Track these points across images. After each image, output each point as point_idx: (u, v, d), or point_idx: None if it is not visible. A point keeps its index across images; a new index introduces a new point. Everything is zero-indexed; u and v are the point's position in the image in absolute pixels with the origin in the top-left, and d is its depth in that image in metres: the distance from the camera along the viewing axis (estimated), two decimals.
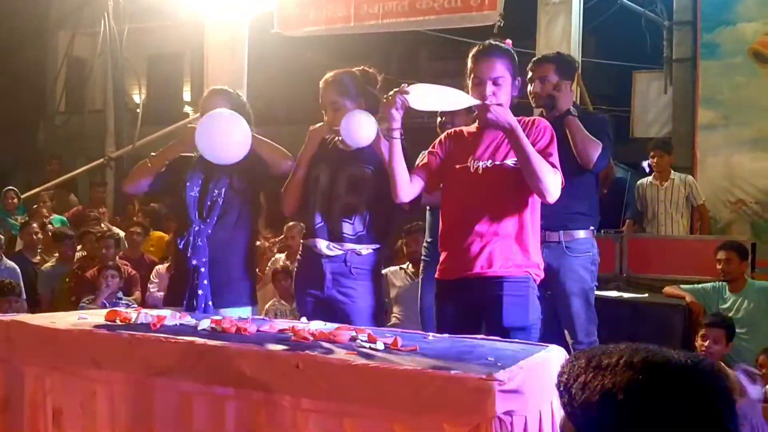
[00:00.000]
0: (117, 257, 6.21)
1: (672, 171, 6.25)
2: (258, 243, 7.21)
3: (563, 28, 7.11)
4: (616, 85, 10.60)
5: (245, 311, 3.26)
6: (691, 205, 6.24)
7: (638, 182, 6.43)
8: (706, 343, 4.15)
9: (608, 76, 10.71)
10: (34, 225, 6.88)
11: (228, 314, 2.92)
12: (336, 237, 3.18)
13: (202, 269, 3.25)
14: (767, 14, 7.30)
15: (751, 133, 7.35)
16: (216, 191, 3.34)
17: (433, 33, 8.77)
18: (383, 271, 3.85)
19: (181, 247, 3.30)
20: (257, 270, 6.38)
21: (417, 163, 3.12)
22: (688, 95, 8.09)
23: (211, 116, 3.27)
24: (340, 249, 3.18)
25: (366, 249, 3.19)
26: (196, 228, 3.30)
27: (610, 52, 10.62)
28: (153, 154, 3.55)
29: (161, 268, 6.13)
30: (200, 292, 3.23)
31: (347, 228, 3.17)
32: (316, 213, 3.23)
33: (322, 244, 3.19)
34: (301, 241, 3.37)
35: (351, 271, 3.17)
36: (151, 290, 6.00)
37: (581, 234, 3.76)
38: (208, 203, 3.33)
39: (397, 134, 2.86)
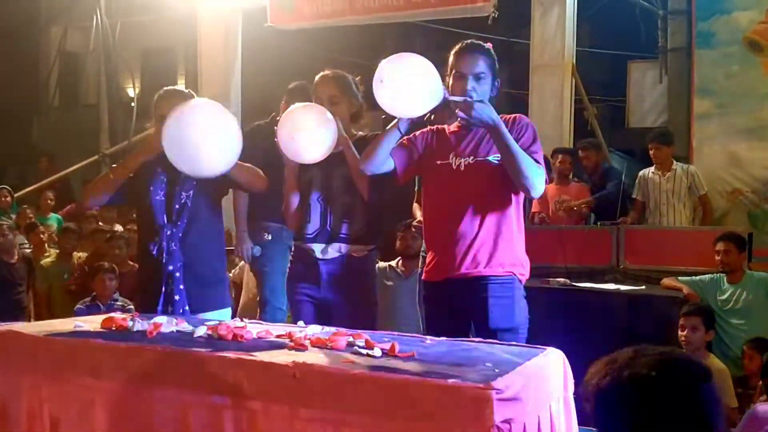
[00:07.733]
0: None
1: (674, 161, 6.20)
2: None
3: (558, 18, 7.10)
4: (611, 74, 10.58)
5: (224, 314, 3.23)
6: (694, 195, 6.19)
7: (640, 173, 6.37)
8: (684, 333, 4.19)
9: (603, 66, 10.69)
10: (40, 226, 6.92)
11: (208, 318, 2.89)
12: (334, 238, 3.17)
13: (177, 274, 3.15)
14: (762, 2, 7.24)
15: (746, 122, 7.31)
16: (184, 194, 3.20)
17: (427, 23, 8.73)
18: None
19: (155, 253, 3.16)
20: None
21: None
22: (684, 85, 8.05)
23: (187, 120, 2.75)
24: (336, 252, 3.17)
25: (363, 251, 3.18)
26: (168, 232, 3.17)
27: (604, 42, 10.59)
28: (114, 165, 3.39)
29: None
30: (176, 297, 3.14)
31: (346, 228, 3.17)
32: (312, 218, 3.21)
33: (318, 248, 3.18)
34: (294, 242, 3.33)
35: (347, 272, 3.16)
36: None
37: None
38: (177, 207, 3.20)
39: (404, 126, 2.85)
